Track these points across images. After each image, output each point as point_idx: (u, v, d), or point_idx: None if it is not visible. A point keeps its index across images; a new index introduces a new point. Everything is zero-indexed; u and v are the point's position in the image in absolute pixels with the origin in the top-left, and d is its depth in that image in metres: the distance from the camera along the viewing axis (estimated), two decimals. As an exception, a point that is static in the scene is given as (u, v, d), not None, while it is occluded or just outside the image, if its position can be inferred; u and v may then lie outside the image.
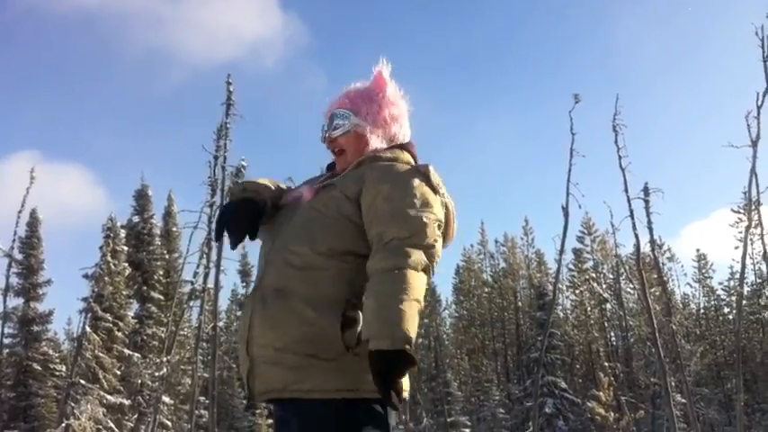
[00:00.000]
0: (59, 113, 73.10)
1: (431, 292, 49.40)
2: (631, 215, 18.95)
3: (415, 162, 2.72)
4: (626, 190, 19.09)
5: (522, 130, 79.43)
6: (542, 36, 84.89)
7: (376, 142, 2.70)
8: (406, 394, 2.34)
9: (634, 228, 19.01)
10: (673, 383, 21.23)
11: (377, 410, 2.38)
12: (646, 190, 19.47)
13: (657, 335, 17.87)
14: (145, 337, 31.67)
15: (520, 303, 50.41)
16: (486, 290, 53.12)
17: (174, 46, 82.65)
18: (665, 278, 28.22)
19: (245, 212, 2.63)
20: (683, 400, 23.71)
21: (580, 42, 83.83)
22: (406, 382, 2.38)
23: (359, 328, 2.34)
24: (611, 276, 44.03)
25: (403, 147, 2.74)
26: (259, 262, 2.65)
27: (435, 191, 2.52)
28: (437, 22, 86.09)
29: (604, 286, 42.52)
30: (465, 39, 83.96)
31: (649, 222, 19.47)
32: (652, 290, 25.08)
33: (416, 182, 2.50)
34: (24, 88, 72.78)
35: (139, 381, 27.80)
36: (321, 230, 2.48)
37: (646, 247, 22.44)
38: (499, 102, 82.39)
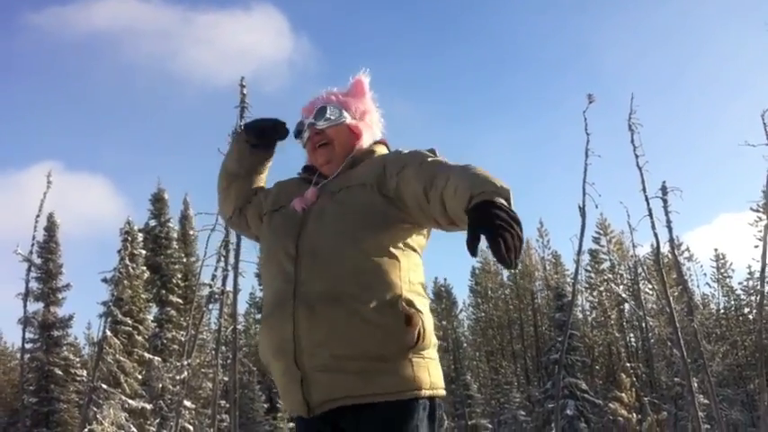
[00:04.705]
0: (80, 127, 74.85)
1: (447, 294, 49.38)
2: (650, 214, 18.71)
3: None
4: (644, 189, 18.85)
5: (532, 135, 79.99)
6: (548, 41, 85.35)
7: (367, 138, 2.73)
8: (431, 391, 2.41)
9: (653, 227, 18.76)
10: (695, 384, 21.05)
11: (433, 407, 2.41)
12: (664, 189, 19.23)
13: (680, 335, 17.69)
14: (165, 341, 31.78)
15: (538, 305, 50.28)
16: (504, 292, 53.00)
17: (187, 65, 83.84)
18: (686, 277, 28.00)
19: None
20: (706, 401, 23.52)
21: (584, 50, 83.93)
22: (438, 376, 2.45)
23: (416, 329, 2.34)
24: (628, 277, 43.79)
25: (381, 142, 2.79)
26: (274, 268, 2.54)
27: None
28: (446, 45, 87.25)
29: (622, 287, 42.29)
30: (473, 57, 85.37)
31: (668, 222, 19.25)
32: (671, 290, 24.87)
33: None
34: (46, 104, 74.93)
35: (160, 385, 27.86)
36: (361, 230, 2.43)
37: (664, 247, 22.29)
38: (509, 110, 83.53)
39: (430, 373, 2.39)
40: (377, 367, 2.30)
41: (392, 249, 2.43)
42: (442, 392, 2.44)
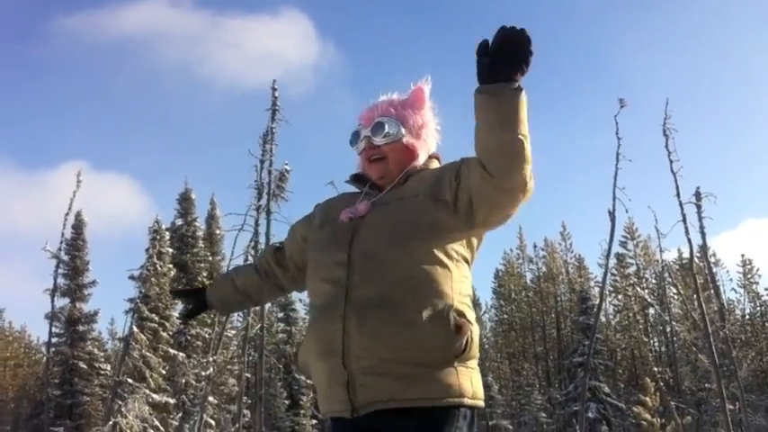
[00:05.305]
0: (107, 128, 75.77)
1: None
2: (684, 220, 18.39)
3: None
4: (678, 195, 18.55)
5: (554, 139, 79.96)
6: (573, 46, 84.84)
7: (423, 156, 2.73)
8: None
9: (687, 233, 18.44)
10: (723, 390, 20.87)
11: (473, 417, 2.44)
12: (698, 195, 19.00)
13: (711, 341, 17.49)
14: (189, 338, 31.95)
15: (560, 307, 50.12)
16: (527, 294, 52.87)
17: (215, 68, 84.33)
18: (717, 283, 27.73)
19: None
20: (731, 407, 23.33)
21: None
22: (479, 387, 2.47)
23: (465, 338, 2.36)
24: (654, 281, 43.55)
25: (433, 156, 2.79)
26: (322, 274, 2.55)
27: None
28: (469, 50, 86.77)
29: (647, 291, 42.07)
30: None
31: (701, 227, 19.02)
32: (696, 295, 24.71)
33: None
34: (75, 106, 75.77)
35: (184, 380, 28.04)
36: (412, 239, 2.44)
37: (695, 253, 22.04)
38: (531, 114, 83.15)
39: (473, 382, 2.41)
40: (422, 373, 2.31)
41: (444, 259, 2.45)
42: (482, 403, 2.47)
